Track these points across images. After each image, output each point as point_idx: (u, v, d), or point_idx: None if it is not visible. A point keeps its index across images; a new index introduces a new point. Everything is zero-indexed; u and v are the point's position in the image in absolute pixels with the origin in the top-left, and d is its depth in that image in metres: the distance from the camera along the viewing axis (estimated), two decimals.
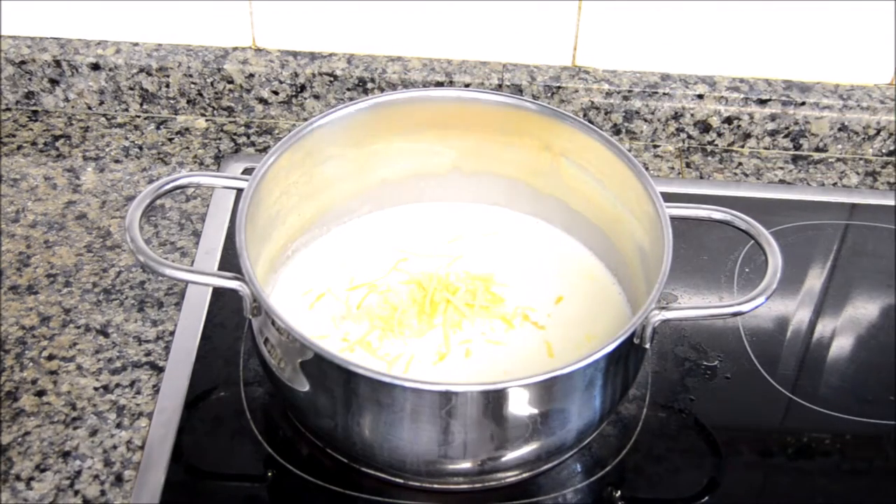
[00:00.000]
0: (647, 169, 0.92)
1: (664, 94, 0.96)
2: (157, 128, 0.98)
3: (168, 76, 0.97)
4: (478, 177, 0.83)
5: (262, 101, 0.98)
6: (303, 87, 0.97)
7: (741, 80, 0.98)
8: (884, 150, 0.99)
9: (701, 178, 0.96)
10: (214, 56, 0.97)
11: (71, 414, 0.74)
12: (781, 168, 0.98)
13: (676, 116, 0.97)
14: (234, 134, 0.98)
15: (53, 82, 0.97)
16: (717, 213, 0.72)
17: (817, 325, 0.83)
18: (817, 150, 0.99)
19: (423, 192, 0.84)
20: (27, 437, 0.72)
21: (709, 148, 0.99)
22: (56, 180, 0.92)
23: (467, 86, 0.95)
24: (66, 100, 0.99)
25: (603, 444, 0.74)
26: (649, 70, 0.98)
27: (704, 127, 0.98)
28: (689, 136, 0.99)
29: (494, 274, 0.78)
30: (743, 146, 0.99)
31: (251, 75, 0.97)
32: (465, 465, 0.66)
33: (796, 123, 0.97)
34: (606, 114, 0.97)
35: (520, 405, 0.64)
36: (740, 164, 0.98)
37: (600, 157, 0.75)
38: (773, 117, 0.97)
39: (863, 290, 0.86)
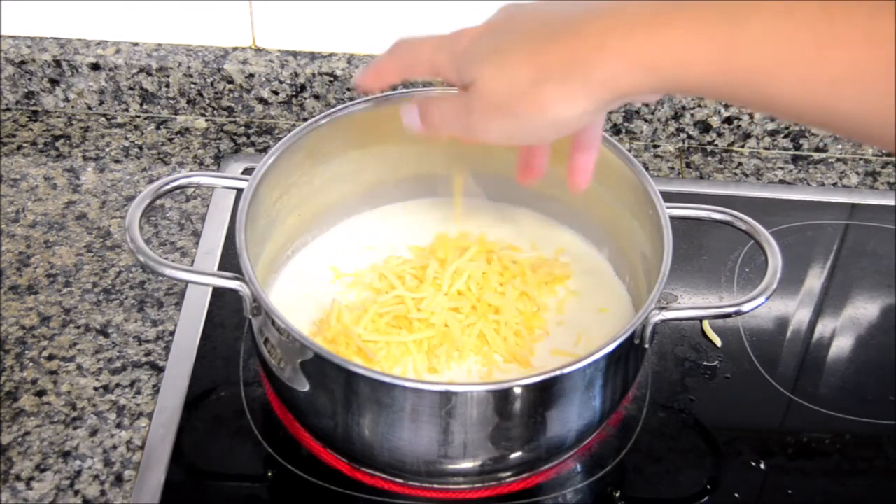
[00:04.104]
0: (647, 169, 0.92)
1: None
2: (157, 128, 0.98)
3: (168, 76, 0.97)
4: (478, 176, 0.83)
5: (262, 101, 0.98)
6: (303, 87, 0.97)
7: None
8: (884, 150, 0.99)
9: (701, 178, 0.96)
10: (214, 56, 0.97)
11: (71, 414, 0.74)
12: (781, 168, 0.98)
13: (676, 116, 0.97)
14: (234, 134, 0.98)
15: (53, 82, 0.97)
16: (717, 213, 0.72)
17: (817, 325, 0.83)
18: (817, 150, 0.99)
19: (423, 192, 0.83)
20: (27, 437, 0.72)
21: (709, 148, 0.99)
22: (56, 180, 0.92)
23: None
24: (66, 100, 0.99)
25: (603, 444, 0.74)
26: None
27: (704, 127, 0.98)
28: (689, 136, 0.99)
29: (495, 275, 0.78)
30: (743, 146, 0.99)
31: (251, 75, 0.97)
32: (465, 465, 0.66)
33: (796, 123, 0.97)
34: (606, 114, 0.97)
35: (520, 405, 0.64)
36: (740, 164, 0.98)
37: (600, 157, 0.75)
38: (773, 117, 0.97)
39: (863, 290, 0.86)
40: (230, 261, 0.83)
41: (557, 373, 0.62)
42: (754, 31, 0.49)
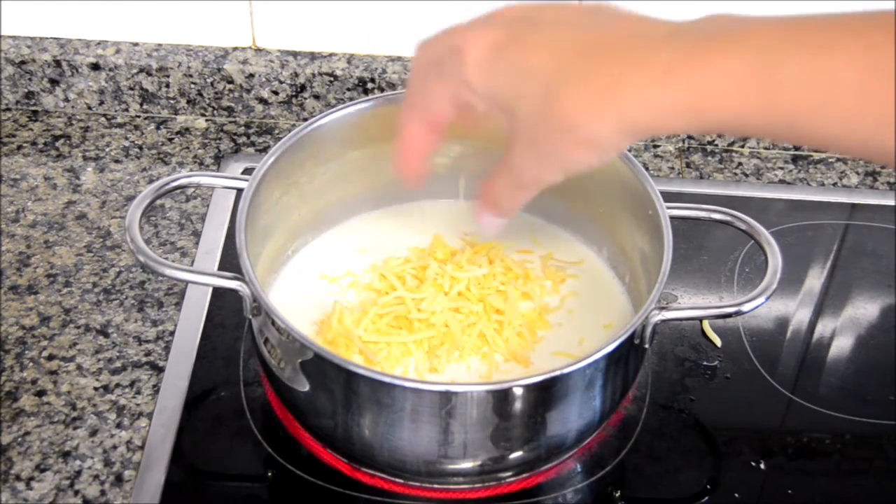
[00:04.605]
0: (647, 169, 0.92)
1: None
2: (157, 128, 0.98)
3: (168, 76, 0.97)
4: (478, 177, 0.82)
5: (262, 101, 0.98)
6: (303, 87, 0.97)
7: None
8: None
9: (701, 178, 0.96)
10: (214, 56, 0.97)
11: (71, 414, 0.74)
12: (781, 168, 0.98)
13: None
14: (234, 134, 0.98)
15: (53, 82, 0.98)
16: (717, 214, 0.72)
17: (817, 325, 0.83)
18: (817, 149, 0.99)
19: (423, 192, 0.83)
20: (27, 437, 0.72)
21: (709, 148, 0.99)
22: (56, 180, 0.92)
23: None
24: (66, 100, 0.99)
25: (603, 444, 0.74)
26: None
27: None
28: (689, 136, 0.99)
29: (495, 273, 0.78)
30: (743, 146, 0.99)
31: (251, 75, 0.97)
32: (465, 465, 0.66)
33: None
34: None
35: (520, 405, 0.64)
36: (740, 164, 0.98)
37: None
38: None
39: (863, 290, 0.86)
40: (230, 261, 0.83)
41: (557, 373, 0.62)
42: (796, 71, 0.47)
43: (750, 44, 0.49)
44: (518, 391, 0.63)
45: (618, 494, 0.72)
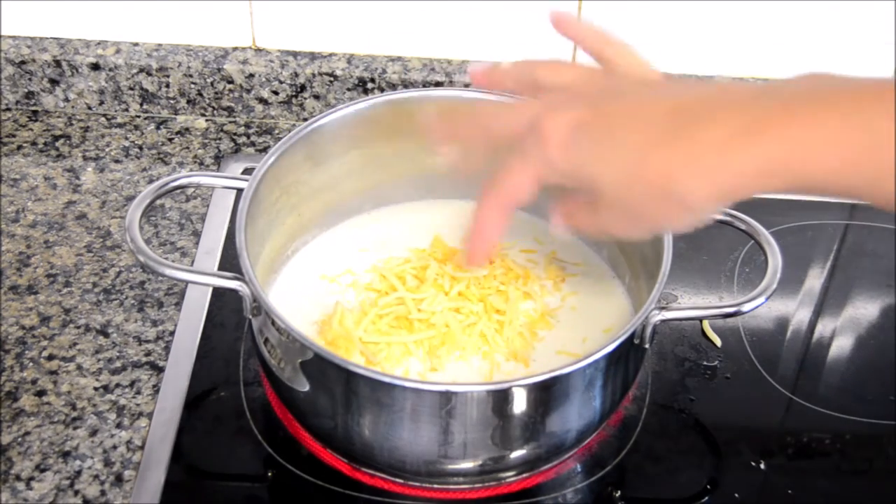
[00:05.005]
0: None
1: None
2: (157, 128, 0.98)
3: (168, 76, 0.97)
4: (478, 178, 0.82)
5: (262, 101, 0.98)
6: (303, 87, 0.97)
7: (741, 80, 0.98)
8: None
9: None
10: (214, 56, 0.97)
11: (71, 414, 0.74)
12: None
13: None
14: (234, 134, 0.98)
15: (53, 82, 0.98)
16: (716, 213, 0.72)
17: (817, 325, 0.83)
18: None
19: (424, 192, 0.84)
20: (27, 437, 0.72)
21: None
22: (56, 180, 0.92)
23: (467, 86, 0.95)
24: (66, 100, 0.99)
25: (603, 444, 0.74)
26: None
27: None
28: None
29: (495, 274, 0.78)
30: None
31: (251, 75, 0.97)
32: (465, 465, 0.66)
33: None
34: None
35: (520, 405, 0.64)
36: None
37: None
38: None
39: (863, 290, 0.86)
40: (230, 261, 0.83)
41: (557, 373, 0.62)
42: (890, 132, 0.47)
43: (846, 100, 0.48)
44: (518, 391, 0.63)
45: (618, 494, 0.72)
